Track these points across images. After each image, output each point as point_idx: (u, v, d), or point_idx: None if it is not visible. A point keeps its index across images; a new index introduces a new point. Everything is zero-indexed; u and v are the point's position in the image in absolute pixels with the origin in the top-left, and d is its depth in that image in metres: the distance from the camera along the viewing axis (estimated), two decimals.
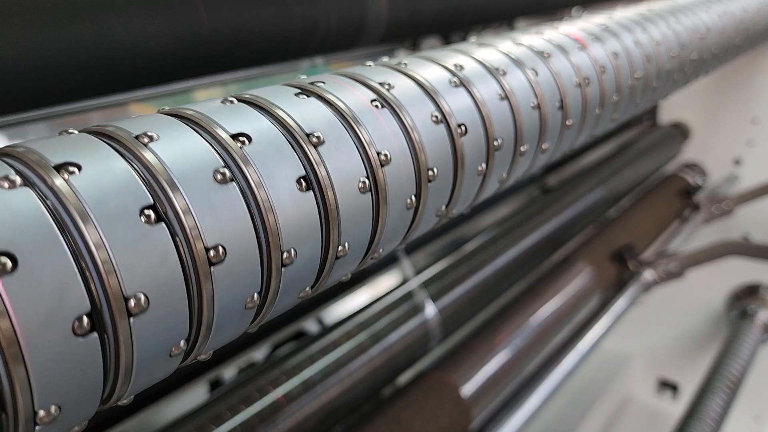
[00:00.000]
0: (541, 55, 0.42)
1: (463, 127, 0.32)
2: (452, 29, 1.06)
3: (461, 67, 0.36)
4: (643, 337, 1.94)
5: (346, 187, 0.26)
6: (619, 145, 1.62)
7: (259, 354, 0.99)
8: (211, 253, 0.22)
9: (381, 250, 0.29)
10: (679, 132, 1.66)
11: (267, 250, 0.23)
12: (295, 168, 0.25)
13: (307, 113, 0.27)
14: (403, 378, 0.93)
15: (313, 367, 0.80)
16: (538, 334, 1.09)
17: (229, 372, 0.98)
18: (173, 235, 0.21)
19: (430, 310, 0.92)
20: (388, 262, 0.97)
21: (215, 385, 0.95)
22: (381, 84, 0.31)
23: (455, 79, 0.34)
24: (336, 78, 0.31)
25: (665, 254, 1.26)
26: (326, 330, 0.87)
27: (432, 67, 0.35)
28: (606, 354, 1.99)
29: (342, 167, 0.26)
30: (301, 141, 0.26)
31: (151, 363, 0.21)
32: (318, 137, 0.26)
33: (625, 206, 1.46)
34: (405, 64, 0.35)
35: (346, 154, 0.27)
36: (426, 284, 0.95)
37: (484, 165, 0.33)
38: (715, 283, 1.76)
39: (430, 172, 0.30)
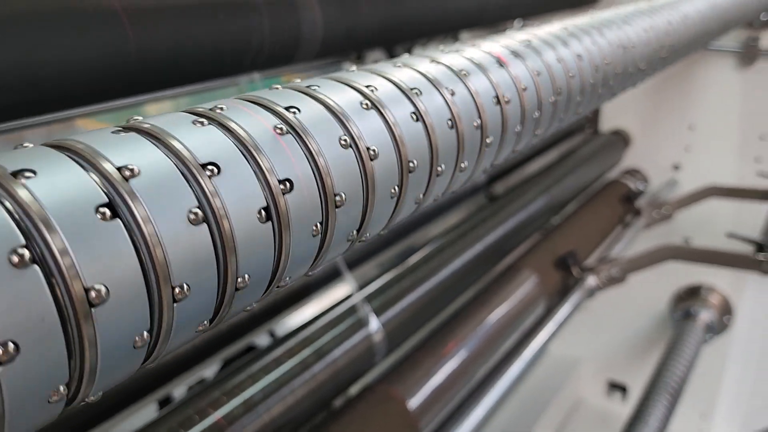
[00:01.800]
0: (459, 74, 0.42)
1: (373, 150, 0.32)
2: (394, 42, 1.07)
3: (374, 89, 0.36)
4: (592, 341, 1.97)
5: (244, 217, 0.25)
6: (562, 153, 1.65)
7: (209, 371, 0.97)
8: (92, 293, 0.21)
9: (287, 279, 0.29)
10: (620, 139, 1.70)
11: (156, 286, 0.23)
12: (187, 200, 0.24)
13: (202, 142, 0.26)
14: (349, 393, 0.92)
15: (254, 386, 0.78)
16: (485, 343, 1.10)
17: (179, 390, 0.96)
18: (49, 276, 0.20)
19: (375, 323, 0.92)
20: (331, 277, 0.96)
21: (165, 402, 0.93)
22: (287, 108, 0.31)
23: (366, 102, 0.34)
24: (238, 103, 0.30)
25: (607, 260, 1.29)
26: (269, 347, 0.86)
27: (343, 89, 0.34)
28: (556, 358, 2.02)
29: (239, 197, 0.26)
30: (195, 172, 0.25)
31: (27, 410, 0.20)
32: (213, 167, 0.26)
33: (569, 213, 1.49)
34: (316, 86, 0.34)
35: (243, 183, 0.26)
36: (370, 298, 0.94)
37: (397, 188, 0.33)
38: (659, 286, 1.80)
39: (338, 198, 0.30)
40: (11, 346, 0.19)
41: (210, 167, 0.26)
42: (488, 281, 1.21)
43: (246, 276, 0.25)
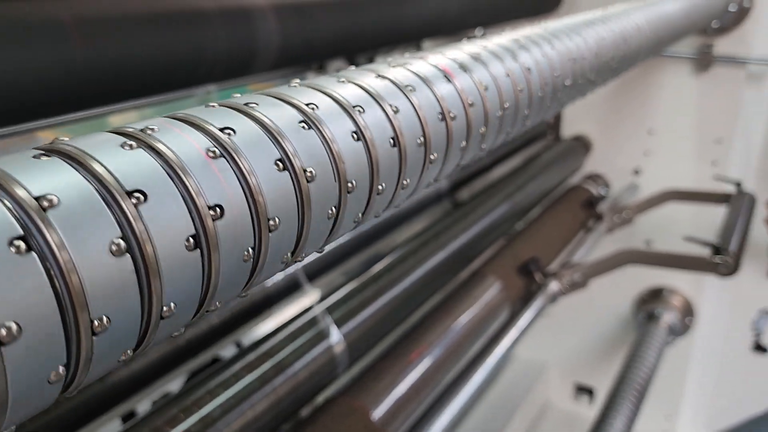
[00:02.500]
0: (404, 89, 0.42)
1: (311, 172, 0.32)
2: (354, 51, 1.07)
3: (315, 107, 0.35)
4: (559, 345, 1.99)
5: (170, 246, 0.25)
6: (525, 159, 1.67)
7: (175, 384, 0.95)
8: (2, 331, 0.20)
9: (217, 303, 0.28)
10: (581, 145, 1.72)
11: (73, 319, 0.22)
12: (109, 230, 0.24)
13: (128, 166, 0.26)
14: (312, 406, 0.91)
15: (213, 402, 0.77)
16: (450, 351, 1.10)
17: (144, 404, 0.94)
18: None
19: (336, 335, 0.91)
20: (292, 288, 0.95)
21: (128, 417, 0.91)
22: (222, 129, 0.30)
23: (306, 121, 0.34)
24: (171, 124, 0.29)
25: (569, 265, 1.30)
26: (228, 362, 0.85)
27: (282, 107, 0.34)
28: (524, 363, 2.04)
29: (166, 226, 0.25)
30: (119, 199, 0.24)
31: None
32: (139, 194, 0.25)
33: (532, 219, 1.50)
34: (254, 104, 0.34)
35: (170, 209, 0.25)
36: (331, 309, 0.94)
37: (334, 208, 0.33)
38: (623, 288, 1.83)
39: (272, 222, 0.29)
40: None
41: (136, 194, 0.25)
42: (452, 288, 1.22)
43: (172, 305, 0.25)
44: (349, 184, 0.34)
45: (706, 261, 1.20)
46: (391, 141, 0.38)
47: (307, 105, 0.35)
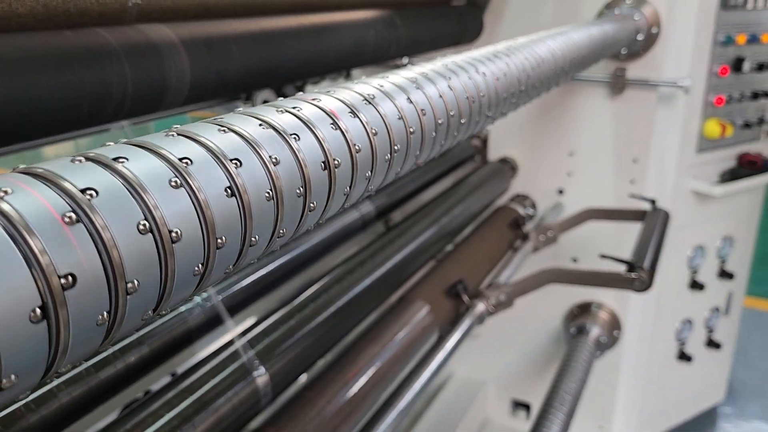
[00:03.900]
0: (287, 136, 0.42)
1: (176, 232, 0.32)
2: (269, 84, 1.07)
3: (189, 162, 0.35)
4: (496, 362, 2.03)
5: (12, 320, 0.25)
6: (455, 181, 1.70)
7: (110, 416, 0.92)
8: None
9: (63, 368, 0.28)
10: (508, 167, 1.77)
11: None
12: None
13: None
14: None
15: None
16: (378, 377, 1.11)
17: None
18: None
19: (259, 368, 0.91)
20: (214, 323, 0.94)
21: None
22: (83, 190, 0.30)
23: (176, 179, 0.33)
24: (28, 183, 0.29)
25: (495, 285, 1.33)
26: (147, 400, 0.83)
27: (153, 162, 0.33)
28: (463, 381, 2.06)
29: (8, 300, 0.25)
30: None
31: None
32: None
33: (461, 240, 1.53)
34: (125, 159, 0.33)
35: (15, 283, 0.25)
36: (254, 341, 0.93)
37: (201, 265, 0.33)
38: (555, 303, 1.88)
39: (130, 285, 0.29)
40: None
41: None
42: (381, 314, 1.23)
43: (13, 377, 0.25)
44: (219, 240, 0.34)
45: (622, 277, 1.25)
46: (268, 194, 0.38)
47: (180, 160, 0.35)
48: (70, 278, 0.27)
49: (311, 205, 0.41)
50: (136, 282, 0.29)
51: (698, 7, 1.59)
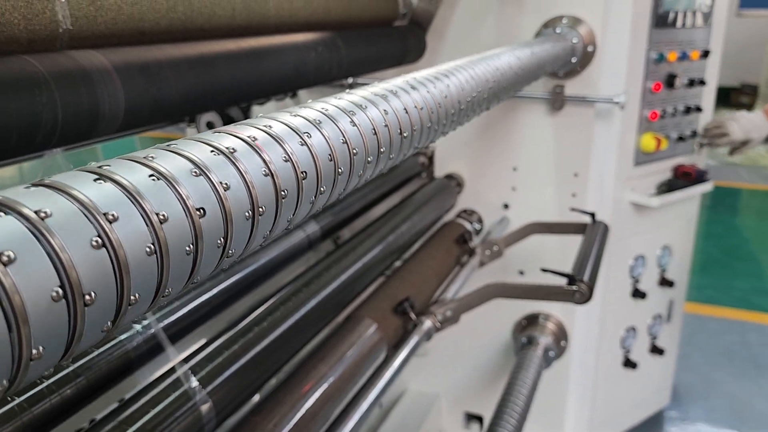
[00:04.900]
0: (174, 186, 0.38)
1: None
2: (211, 107, 1.07)
3: (46, 214, 0.31)
4: (449, 376, 2.05)
5: None
6: (402, 198, 1.72)
7: None
8: None
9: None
10: (454, 183, 1.80)
11: None
12: None
13: None
14: None
15: None
16: (327, 398, 1.11)
17: None
18: None
19: (202, 395, 0.90)
20: (154, 351, 0.93)
21: None
22: None
23: (36, 231, 0.30)
24: None
25: (442, 302, 1.35)
26: (91, 428, 0.82)
27: (7, 220, 0.29)
28: (417, 396, 2.07)
29: None
30: None
31: None
32: None
33: (409, 257, 1.55)
34: None
35: None
36: (196, 369, 0.92)
37: (67, 335, 0.31)
38: (504, 316, 1.91)
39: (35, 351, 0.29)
40: None
41: None
42: (328, 334, 1.23)
43: None
44: (87, 297, 0.31)
45: (563, 290, 1.28)
46: (149, 248, 0.34)
47: (37, 213, 0.31)
48: None
49: (200, 260, 0.39)
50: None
51: (631, 26, 1.65)
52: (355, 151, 0.57)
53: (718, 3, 1.88)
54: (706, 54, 1.87)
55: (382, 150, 0.61)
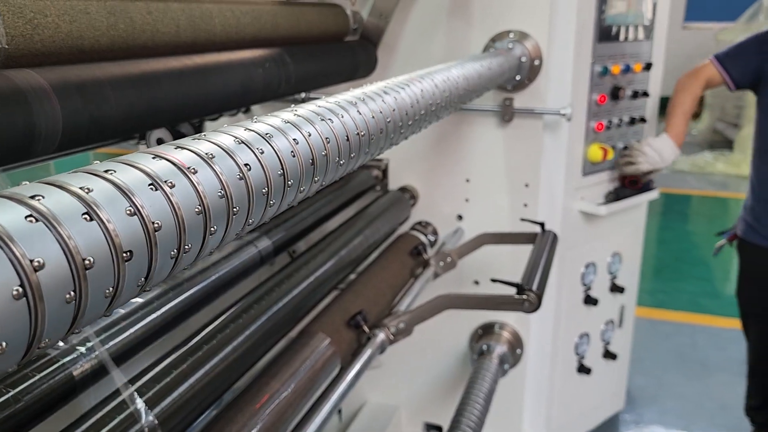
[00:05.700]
0: (91, 213, 0.37)
1: None
2: (157, 125, 1.06)
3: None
4: (408, 387, 2.05)
5: None
6: (356, 211, 1.73)
7: None
8: None
9: None
10: (408, 195, 1.82)
11: None
12: None
13: None
14: None
15: None
16: (279, 414, 1.10)
17: None
18: None
19: (147, 416, 0.88)
20: (99, 373, 0.91)
21: None
22: None
23: None
24: None
25: (395, 314, 1.36)
26: None
27: None
28: (376, 408, 2.07)
29: None
30: None
31: None
32: None
33: (364, 270, 1.55)
34: None
35: None
36: (143, 390, 0.91)
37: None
38: (460, 326, 1.93)
39: None
40: None
41: None
42: (281, 349, 1.22)
43: None
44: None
45: (513, 300, 1.30)
46: (70, 297, 0.34)
47: None
48: None
49: (107, 292, 0.39)
50: None
51: (576, 40, 1.70)
52: (279, 173, 0.57)
53: (659, 17, 1.94)
54: (648, 66, 1.93)
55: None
